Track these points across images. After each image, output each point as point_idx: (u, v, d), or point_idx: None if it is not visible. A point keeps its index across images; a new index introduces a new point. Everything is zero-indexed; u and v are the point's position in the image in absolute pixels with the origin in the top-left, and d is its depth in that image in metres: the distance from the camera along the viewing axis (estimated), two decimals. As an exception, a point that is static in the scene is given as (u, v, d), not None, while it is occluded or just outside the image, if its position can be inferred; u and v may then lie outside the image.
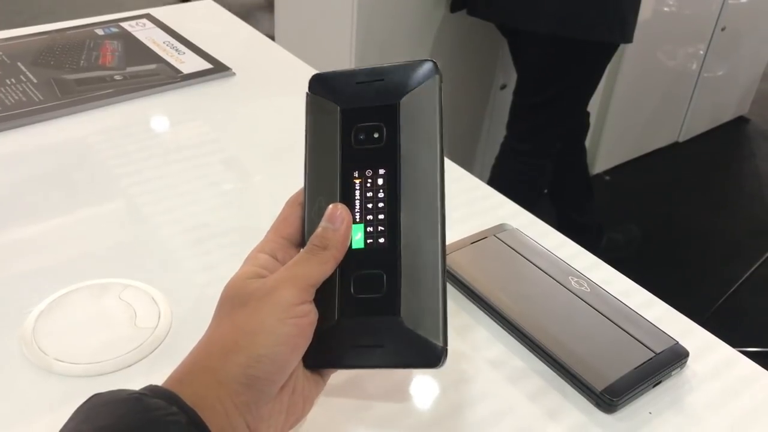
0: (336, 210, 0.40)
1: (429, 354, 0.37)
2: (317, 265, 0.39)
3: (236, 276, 0.41)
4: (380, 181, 0.40)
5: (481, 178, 0.75)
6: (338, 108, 0.42)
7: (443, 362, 0.37)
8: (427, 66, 0.40)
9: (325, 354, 0.39)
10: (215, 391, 0.36)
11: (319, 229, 0.40)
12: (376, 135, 0.41)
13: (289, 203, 0.43)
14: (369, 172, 0.41)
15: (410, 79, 0.40)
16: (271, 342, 0.36)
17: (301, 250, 0.41)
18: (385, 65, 0.42)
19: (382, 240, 0.40)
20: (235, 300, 0.39)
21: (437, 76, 0.40)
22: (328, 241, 0.40)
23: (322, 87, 0.43)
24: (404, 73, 0.41)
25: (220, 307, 0.40)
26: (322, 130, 0.42)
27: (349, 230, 0.40)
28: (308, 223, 0.41)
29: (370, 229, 0.40)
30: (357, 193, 0.41)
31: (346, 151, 0.41)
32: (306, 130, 0.42)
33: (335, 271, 0.40)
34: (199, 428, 0.34)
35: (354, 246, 0.40)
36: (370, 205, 0.40)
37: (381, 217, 0.40)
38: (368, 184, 0.40)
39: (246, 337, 0.37)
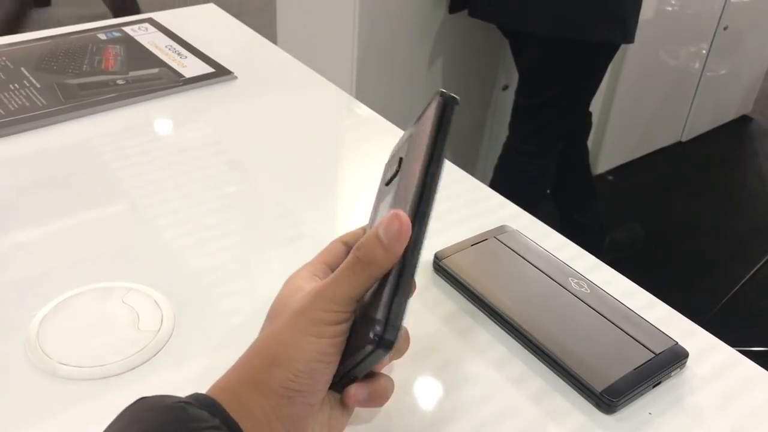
0: (395, 220, 0.34)
1: (369, 331, 0.34)
2: (360, 283, 0.37)
3: (280, 293, 0.42)
4: (388, 207, 0.41)
5: (483, 179, 0.76)
6: (399, 156, 0.44)
7: (381, 339, 0.34)
8: (435, 93, 0.40)
9: None
10: (259, 403, 0.36)
11: (368, 238, 0.36)
12: (395, 168, 0.42)
13: (335, 240, 0.45)
14: (384, 203, 0.42)
15: (424, 113, 0.41)
16: (307, 358, 0.37)
17: (347, 259, 0.37)
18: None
19: None
20: (280, 308, 0.40)
21: (439, 98, 0.39)
22: (373, 259, 0.35)
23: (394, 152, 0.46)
24: (429, 108, 0.41)
25: (265, 320, 0.42)
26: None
27: (401, 250, 0.35)
28: None
29: None
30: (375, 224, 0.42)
31: (378, 192, 0.45)
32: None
33: None
34: None
35: None
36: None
37: None
38: (382, 213, 0.41)
39: (284, 351, 0.37)
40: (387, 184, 0.43)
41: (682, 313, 0.59)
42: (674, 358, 0.51)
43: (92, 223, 0.65)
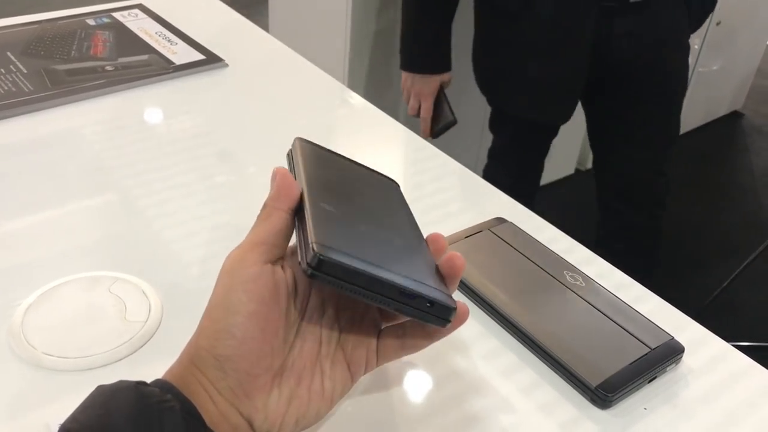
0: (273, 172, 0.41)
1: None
2: (260, 223, 0.39)
3: None
4: None
5: (476, 170, 0.75)
6: None
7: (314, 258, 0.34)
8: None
9: None
10: (197, 378, 0.36)
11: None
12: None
13: None
14: None
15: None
16: (223, 315, 0.35)
17: None
18: None
19: None
20: None
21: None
22: (266, 201, 0.40)
23: None
24: None
25: None
26: None
27: (281, 178, 0.40)
28: None
29: None
30: None
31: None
32: None
33: None
34: (191, 415, 0.34)
35: None
36: None
37: None
38: None
39: (206, 315, 0.37)
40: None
41: (674, 308, 0.58)
42: (670, 353, 0.51)
43: (79, 212, 0.64)
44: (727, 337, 0.56)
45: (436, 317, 0.37)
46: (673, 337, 0.52)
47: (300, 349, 0.38)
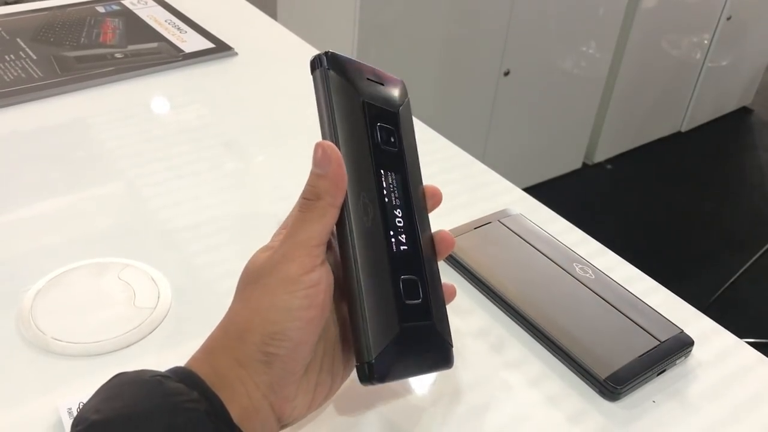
0: (319, 150, 0.37)
1: (447, 355, 0.41)
2: (315, 222, 0.36)
3: (248, 263, 0.40)
4: (395, 184, 0.40)
5: (485, 162, 0.75)
6: (361, 98, 0.41)
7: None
8: (404, 86, 0.44)
9: (394, 364, 0.37)
10: (236, 371, 0.35)
11: (308, 178, 0.37)
12: (392, 139, 0.41)
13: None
14: (390, 175, 0.40)
15: (401, 93, 0.44)
16: (282, 318, 0.35)
17: (294, 207, 0.38)
18: (379, 70, 0.44)
19: (405, 247, 0.39)
20: (248, 277, 0.38)
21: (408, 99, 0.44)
22: (318, 190, 0.37)
23: (340, 69, 0.40)
24: (397, 85, 0.44)
25: (237, 285, 0.39)
26: (349, 115, 0.40)
27: (339, 168, 0.37)
28: (351, 219, 0.38)
29: (396, 232, 0.39)
30: (385, 193, 0.40)
31: (375, 149, 0.40)
32: (327, 106, 0.40)
33: (388, 276, 0.38)
34: (218, 416, 0.33)
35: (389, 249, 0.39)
36: (395, 211, 0.40)
37: (401, 222, 0.40)
38: (391, 187, 0.40)
39: (258, 315, 0.36)
40: (384, 147, 0.41)
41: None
42: (679, 346, 0.51)
43: (88, 199, 0.64)
44: (733, 332, 0.55)
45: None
46: (682, 330, 0.52)
47: (323, 335, 0.38)
